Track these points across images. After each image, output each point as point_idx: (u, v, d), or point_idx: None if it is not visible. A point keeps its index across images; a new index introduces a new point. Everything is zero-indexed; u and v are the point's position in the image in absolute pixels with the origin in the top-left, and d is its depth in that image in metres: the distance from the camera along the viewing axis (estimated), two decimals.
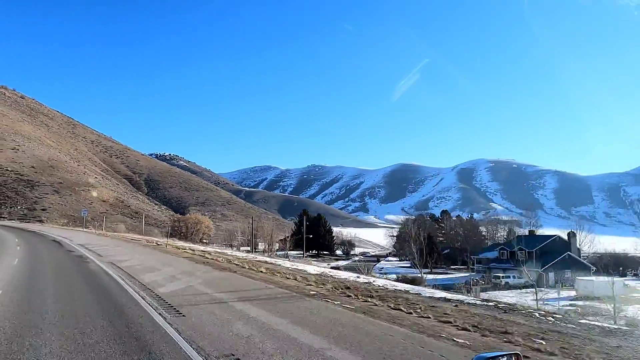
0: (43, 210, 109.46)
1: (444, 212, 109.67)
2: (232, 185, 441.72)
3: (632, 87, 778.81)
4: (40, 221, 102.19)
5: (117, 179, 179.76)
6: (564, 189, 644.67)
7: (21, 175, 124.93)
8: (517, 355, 2.74)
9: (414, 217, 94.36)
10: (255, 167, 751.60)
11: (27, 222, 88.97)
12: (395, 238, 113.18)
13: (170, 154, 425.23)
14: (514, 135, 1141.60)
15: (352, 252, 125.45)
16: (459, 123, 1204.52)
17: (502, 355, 2.68)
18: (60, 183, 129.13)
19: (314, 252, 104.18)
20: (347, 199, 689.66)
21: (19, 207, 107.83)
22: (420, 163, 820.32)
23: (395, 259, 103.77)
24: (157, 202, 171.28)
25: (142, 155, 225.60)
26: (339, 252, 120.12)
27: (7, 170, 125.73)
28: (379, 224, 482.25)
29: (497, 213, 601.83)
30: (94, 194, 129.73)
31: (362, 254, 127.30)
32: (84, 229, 71.90)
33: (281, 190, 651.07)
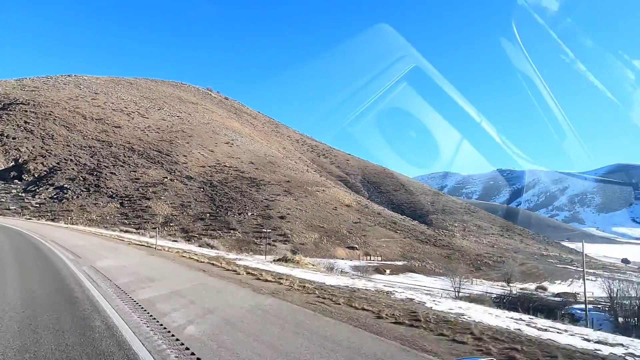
0: (281, 218, 70.10)
1: None
2: None
3: None
4: (285, 237, 62.33)
5: (332, 180, 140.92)
6: None
7: (241, 172, 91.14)
8: None
9: None
10: (432, 173, 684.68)
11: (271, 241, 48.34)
12: None
13: None
14: None
15: None
16: None
17: None
18: (288, 182, 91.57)
19: None
20: (550, 207, 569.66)
21: (249, 214, 70.55)
22: None
23: None
24: (387, 209, 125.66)
25: (349, 154, 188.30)
26: None
27: (225, 166, 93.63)
28: (617, 239, 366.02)
29: None
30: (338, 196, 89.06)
31: None
32: None
33: (466, 197, 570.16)
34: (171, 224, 64.24)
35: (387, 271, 48.35)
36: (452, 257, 73.84)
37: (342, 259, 60.57)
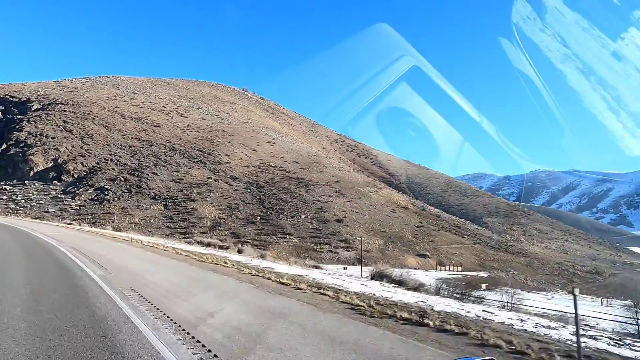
0: (338, 221, 62.93)
1: None
2: None
3: None
4: (347, 243, 55.14)
5: (377, 181, 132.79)
6: None
7: (287, 172, 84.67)
8: None
9: None
10: (467, 175, 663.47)
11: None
12: None
13: None
14: None
15: None
16: None
17: None
18: (337, 182, 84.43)
19: None
20: (594, 210, 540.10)
21: (303, 217, 63.74)
22: None
23: None
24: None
25: (390, 154, 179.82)
26: None
27: (270, 165, 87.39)
28: None
29: None
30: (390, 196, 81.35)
31: None
32: None
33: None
34: (220, 228, 58.18)
35: (483, 286, 40.36)
36: (533, 266, 64.68)
37: (415, 268, 52.70)
